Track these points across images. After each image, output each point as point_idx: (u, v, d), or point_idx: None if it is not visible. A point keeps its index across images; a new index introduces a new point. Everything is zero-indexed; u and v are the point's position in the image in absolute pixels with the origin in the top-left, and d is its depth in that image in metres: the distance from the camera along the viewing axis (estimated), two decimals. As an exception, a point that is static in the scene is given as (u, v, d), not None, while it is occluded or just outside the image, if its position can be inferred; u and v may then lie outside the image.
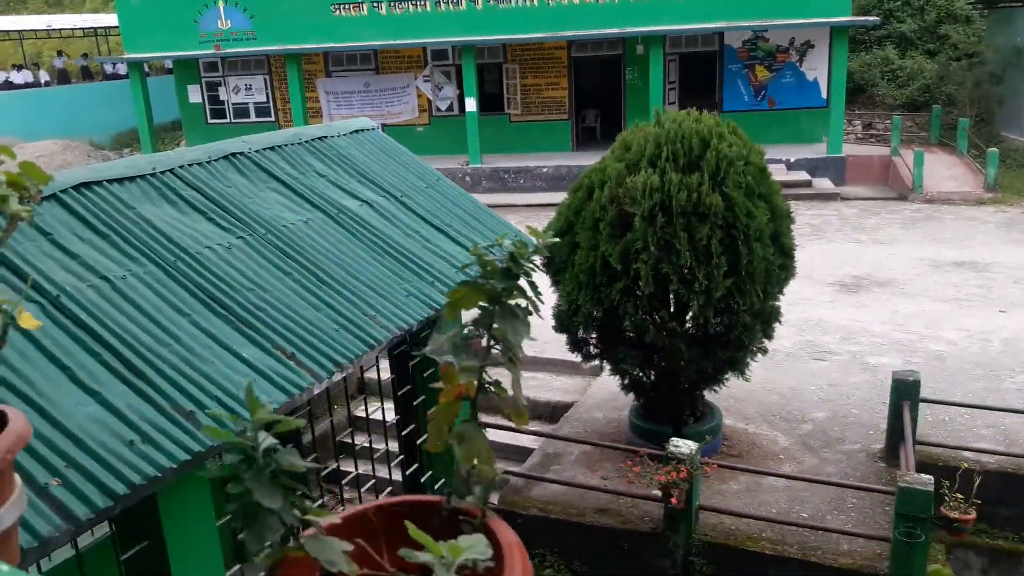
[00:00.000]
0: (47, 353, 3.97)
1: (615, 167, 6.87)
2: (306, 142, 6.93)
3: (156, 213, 5.25)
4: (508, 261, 1.19)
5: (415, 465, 7.28)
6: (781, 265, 7.03)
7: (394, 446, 7.55)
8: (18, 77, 30.00)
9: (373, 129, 7.77)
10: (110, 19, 33.34)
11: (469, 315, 1.30)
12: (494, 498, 7.74)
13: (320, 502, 7.37)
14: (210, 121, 24.27)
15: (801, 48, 21.04)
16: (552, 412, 9.69)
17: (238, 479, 1.00)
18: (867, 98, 23.92)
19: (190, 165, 5.82)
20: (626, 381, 7.87)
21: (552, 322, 11.54)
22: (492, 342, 1.20)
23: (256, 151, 6.40)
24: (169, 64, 28.51)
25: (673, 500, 6.10)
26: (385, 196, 6.91)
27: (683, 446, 6.35)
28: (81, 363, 4.01)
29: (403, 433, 7.12)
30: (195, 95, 23.97)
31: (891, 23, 24.82)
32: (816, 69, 21.16)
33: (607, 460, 7.86)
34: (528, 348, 11.01)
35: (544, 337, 11.12)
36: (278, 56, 22.39)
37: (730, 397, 8.66)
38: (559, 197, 19.70)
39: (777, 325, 7.23)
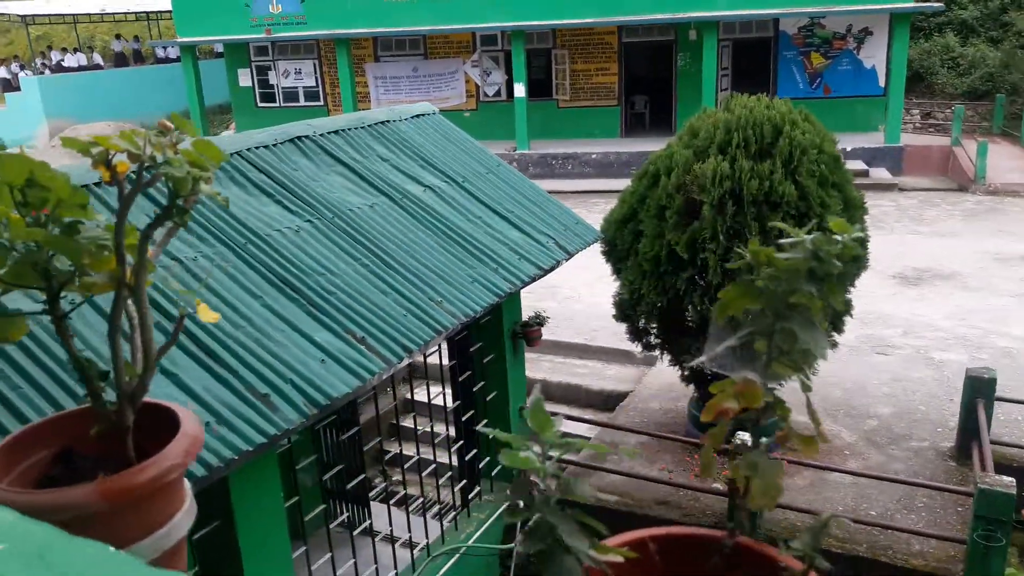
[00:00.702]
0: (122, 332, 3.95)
1: (683, 154, 6.71)
2: (369, 126, 6.88)
3: (224, 195, 5.22)
4: (812, 260, 1.03)
5: (474, 451, 7.23)
6: (853, 257, 6.81)
7: (450, 430, 7.51)
8: (71, 60, 30.50)
9: (434, 114, 7.69)
10: (160, 3, 33.73)
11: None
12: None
13: (384, 485, 7.37)
14: (260, 104, 24.44)
15: (859, 35, 20.52)
16: (605, 401, 9.59)
17: (519, 510, 0.90)
18: (925, 87, 23.27)
19: (257, 148, 5.80)
20: (686, 372, 7.73)
21: (603, 309, 11.44)
22: (777, 354, 1.05)
23: (321, 135, 6.36)
24: (218, 48, 28.80)
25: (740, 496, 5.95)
26: (447, 181, 6.83)
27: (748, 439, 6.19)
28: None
29: (463, 419, 7.07)
30: (245, 79, 24.13)
31: (952, 9, 24.09)
32: (874, 56, 20.63)
33: (666, 451, 7.73)
34: (578, 336, 10.92)
35: (594, 324, 11.03)
36: (328, 41, 22.43)
37: (792, 390, 8.43)
38: (607, 184, 19.57)
39: (848, 319, 7.03)
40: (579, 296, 11.91)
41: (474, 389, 6.93)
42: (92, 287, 1.04)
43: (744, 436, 6.33)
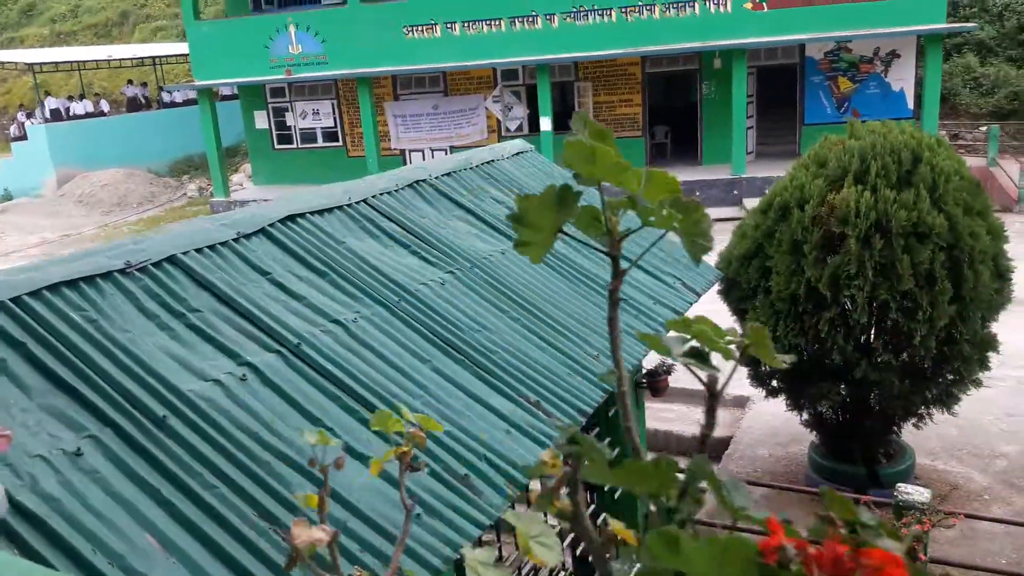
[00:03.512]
0: (304, 412, 3.47)
1: (815, 184, 6.29)
2: (477, 167, 6.45)
3: (363, 247, 4.77)
4: None
5: (602, 516, 6.71)
6: (997, 289, 6.41)
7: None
8: (78, 107, 30.09)
9: (532, 151, 7.27)
10: (165, 49, 33.47)
11: None
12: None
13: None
14: (276, 147, 24.05)
15: (887, 58, 20.33)
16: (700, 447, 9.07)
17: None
18: (949, 108, 23.09)
19: (381, 195, 5.35)
20: (806, 417, 7.25)
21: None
22: None
23: (436, 177, 5.92)
24: (228, 91, 28.44)
25: (922, 556, 5.45)
26: (561, 221, 6.38)
27: (915, 493, 5.71)
28: (342, 424, 3.50)
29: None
30: (262, 121, 23.76)
31: (969, 30, 24.00)
32: (903, 79, 20.42)
33: (790, 504, 7.21)
34: (656, 377, 10.41)
35: (672, 363, 10.54)
36: (346, 80, 22.12)
37: (904, 430, 7.98)
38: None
39: (993, 355, 6.59)
40: (648, 334, 11.44)
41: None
42: None
43: (907, 489, 5.85)
